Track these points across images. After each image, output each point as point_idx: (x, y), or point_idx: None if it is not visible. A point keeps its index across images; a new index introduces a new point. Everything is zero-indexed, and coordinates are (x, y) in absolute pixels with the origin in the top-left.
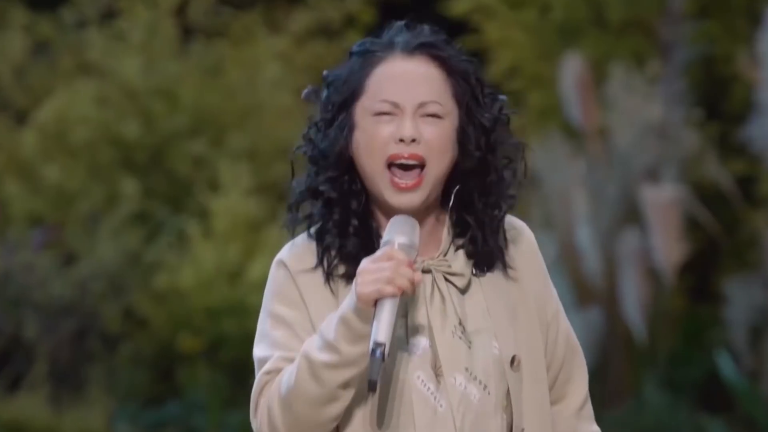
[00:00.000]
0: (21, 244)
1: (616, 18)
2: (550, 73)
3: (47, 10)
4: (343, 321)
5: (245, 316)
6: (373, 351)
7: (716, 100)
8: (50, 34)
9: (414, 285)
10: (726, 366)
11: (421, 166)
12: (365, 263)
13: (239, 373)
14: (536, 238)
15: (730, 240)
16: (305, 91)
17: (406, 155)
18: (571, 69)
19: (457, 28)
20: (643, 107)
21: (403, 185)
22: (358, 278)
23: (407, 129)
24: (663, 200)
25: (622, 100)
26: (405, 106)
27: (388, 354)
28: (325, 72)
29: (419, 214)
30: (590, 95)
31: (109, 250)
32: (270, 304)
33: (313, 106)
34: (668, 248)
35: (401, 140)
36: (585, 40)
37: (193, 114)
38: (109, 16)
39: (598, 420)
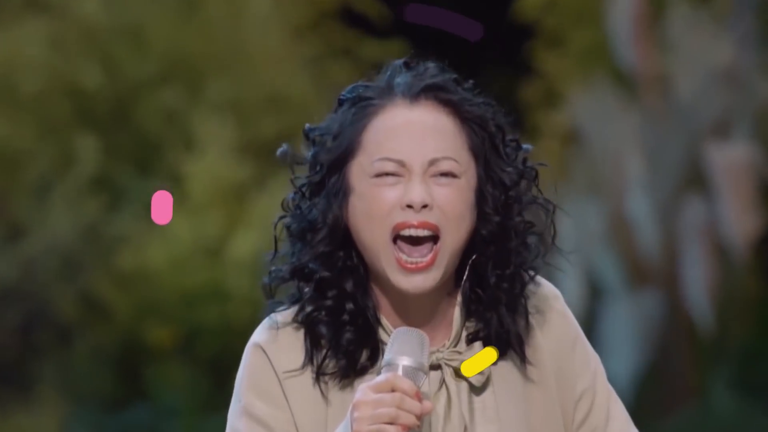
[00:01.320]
0: None
1: None
2: (597, 7)
3: None
4: None
5: (227, 302)
6: None
7: None
8: None
9: (422, 417)
10: None
11: (434, 237)
12: (363, 392)
13: (219, 370)
14: (580, 206)
15: None
16: (280, 149)
17: (415, 224)
18: (623, 2)
19: None
20: (709, 49)
21: (412, 266)
22: (355, 412)
23: (416, 193)
24: (733, 162)
25: (684, 41)
26: (412, 165)
27: None
28: (306, 126)
29: (429, 292)
30: (646, 34)
31: (62, 222)
32: (246, 396)
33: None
34: (740, 219)
35: (409, 206)
36: None
37: (165, 58)
38: None
39: (655, 427)
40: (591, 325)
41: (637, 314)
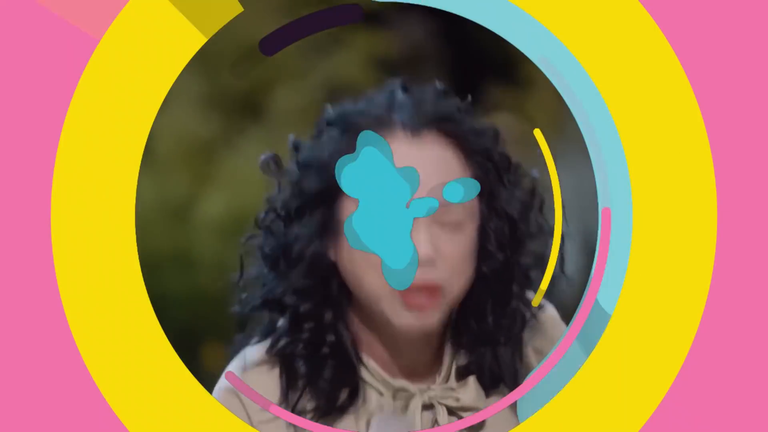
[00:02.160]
0: None
1: None
2: None
3: None
4: None
5: (194, 268)
6: None
7: None
8: None
9: None
10: None
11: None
12: None
13: (186, 342)
14: (578, 165)
15: None
16: (263, 156)
17: (419, 284)
18: None
19: None
20: None
21: (415, 304)
22: None
23: (422, 246)
24: None
25: None
26: None
27: None
28: (292, 139)
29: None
30: None
31: None
32: None
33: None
34: None
35: None
36: None
37: None
38: None
39: None
40: None
41: None
